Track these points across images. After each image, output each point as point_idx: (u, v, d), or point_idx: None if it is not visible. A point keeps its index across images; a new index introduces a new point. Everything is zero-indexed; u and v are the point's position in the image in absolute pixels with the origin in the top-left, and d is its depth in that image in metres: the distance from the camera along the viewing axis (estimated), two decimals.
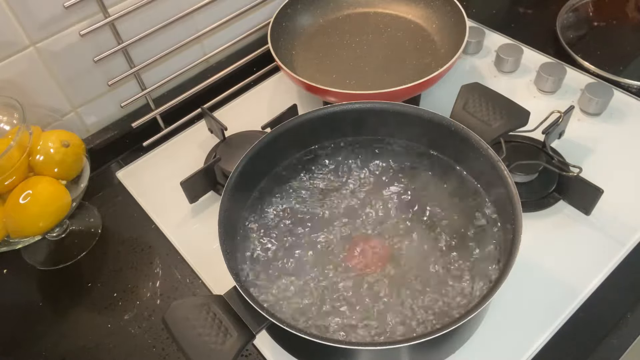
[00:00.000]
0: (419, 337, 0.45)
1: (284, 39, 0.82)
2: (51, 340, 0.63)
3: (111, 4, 0.71)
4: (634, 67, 0.82)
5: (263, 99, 0.85)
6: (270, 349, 0.59)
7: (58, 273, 0.68)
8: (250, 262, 0.57)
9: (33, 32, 0.67)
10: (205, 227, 0.70)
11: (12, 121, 0.62)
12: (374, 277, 0.55)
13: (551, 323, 0.58)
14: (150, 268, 0.68)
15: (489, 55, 0.86)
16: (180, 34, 0.79)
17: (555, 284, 0.61)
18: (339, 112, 0.62)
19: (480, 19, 0.92)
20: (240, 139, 0.74)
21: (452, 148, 0.61)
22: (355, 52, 0.82)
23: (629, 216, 0.65)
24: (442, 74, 0.72)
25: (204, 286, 0.65)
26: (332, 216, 0.60)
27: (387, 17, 0.87)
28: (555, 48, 0.87)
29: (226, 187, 0.56)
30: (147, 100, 0.81)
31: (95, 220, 0.73)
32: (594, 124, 0.75)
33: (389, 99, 0.63)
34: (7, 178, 0.58)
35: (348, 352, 0.48)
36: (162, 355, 0.60)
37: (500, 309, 0.58)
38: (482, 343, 0.57)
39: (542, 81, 0.79)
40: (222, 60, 0.88)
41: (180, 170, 0.71)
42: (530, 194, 0.67)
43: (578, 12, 0.93)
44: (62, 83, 0.73)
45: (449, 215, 0.59)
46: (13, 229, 0.60)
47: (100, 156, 0.78)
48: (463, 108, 0.61)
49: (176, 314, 0.47)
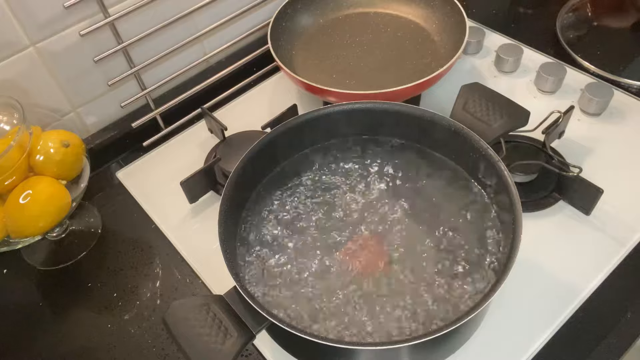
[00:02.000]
0: (419, 337, 0.45)
1: (284, 39, 0.82)
2: (51, 340, 0.63)
3: (111, 4, 0.71)
4: (634, 67, 0.82)
5: (263, 99, 0.85)
6: (270, 349, 0.59)
7: (58, 273, 0.68)
8: (250, 262, 0.57)
9: (33, 32, 0.67)
10: (205, 227, 0.70)
11: (12, 121, 0.62)
12: (374, 277, 0.55)
13: (551, 323, 0.58)
14: (150, 268, 0.68)
15: (489, 55, 0.86)
16: (180, 34, 0.79)
17: (555, 284, 0.61)
18: (339, 112, 0.62)
19: (480, 19, 0.92)
20: (240, 139, 0.74)
21: (452, 148, 0.61)
22: (355, 52, 0.82)
23: (629, 216, 0.65)
24: (442, 74, 0.72)
25: (204, 286, 0.65)
26: (332, 216, 0.60)
27: (387, 17, 0.87)
28: (555, 48, 0.87)
29: (226, 187, 0.56)
30: (147, 100, 0.81)
31: (95, 220, 0.73)
32: (594, 124, 0.75)
33: (389, 99, 0.63)
34: (7, 178, 0.58)
35: (348, 352, 0.48)
36: (162, 355, 0.60)
37: (500, 309, 0.58)
38: (482, 343, 0.57)
39: (542, 81, 0.79)
40: (222, 60, 0.88)
41: (180, 170, 0.71)
42: (530, 194, 0.67)
43: (578, 12, 0.93)
44: (62, 83, 0.73)
45: (448, 215, 0.59)
46: (13, 229, 0.60)
47: (100, 156, 0.78)
48: (463, 108, 0.61)
49: (176, 314, 0.47)
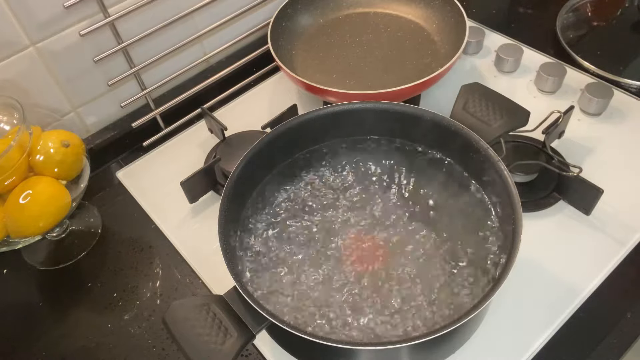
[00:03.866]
0: (419, 337, 0.45)
1: (284, 39, 0.82)
2: (51, 340, 0.63)
3: (111, 4, 0.71)
4: (634, 67, 0.82)
5: (263, 99, 0.85)
6: (270, 349, 0.59)
7: (58, 273, 0.68)
8: (250, 262, 0.57)
9: (33, 32, 0.67)
10: (205, 227, 0.70)
11: (12, 121, 0.62)
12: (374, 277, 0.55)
13: (551, 323, 0.58)
14: (150, 268, 0.68)
15: (489, 55, 0.86)
16: (180, 34, 0.79)
17: (555, 284, 0.61)
18: (339, 112, 0.62)
19: (480, 19, 0.92)
20: (240, 139, 0.75)
21: (452, 148, 0.61)
22: (355, 52, 0.82)
23: (629, 216, 0.65)
24: (442, 74, 0.72)
25: (204, 286, 0.65)
26: (332, 216, 0.60)
27: (387, 17, 0.87)
28: (555, 48, 0.87)
29: (226, 187, 0.56)
30: (147, 100, 0.81)
31: (95, 220, 0.73)
32: (594, 124, 0.75)
33: (389, 99, 0.63)
34: (7, 178, 0.58)
35: (348, 352, 0.48)
36: (162, 355, 0.60)
37: (501, 309, 0.58)
38: (482, 343, 0.57)
39: (542, 81, 0.79)
40: (222, 60, 0.88)
41: (180, 170, 0.71)
42: (530, 194, 0.67)
43: (578, 12, 0.93)
44: (62, 83, 0.73)
45: (448, 215, 0.59)
46: (13, 229, 0.60)
47: (100, 156, 0.78)
48: (463, 108, 0.61)
49: (176, 314, 0.47)
